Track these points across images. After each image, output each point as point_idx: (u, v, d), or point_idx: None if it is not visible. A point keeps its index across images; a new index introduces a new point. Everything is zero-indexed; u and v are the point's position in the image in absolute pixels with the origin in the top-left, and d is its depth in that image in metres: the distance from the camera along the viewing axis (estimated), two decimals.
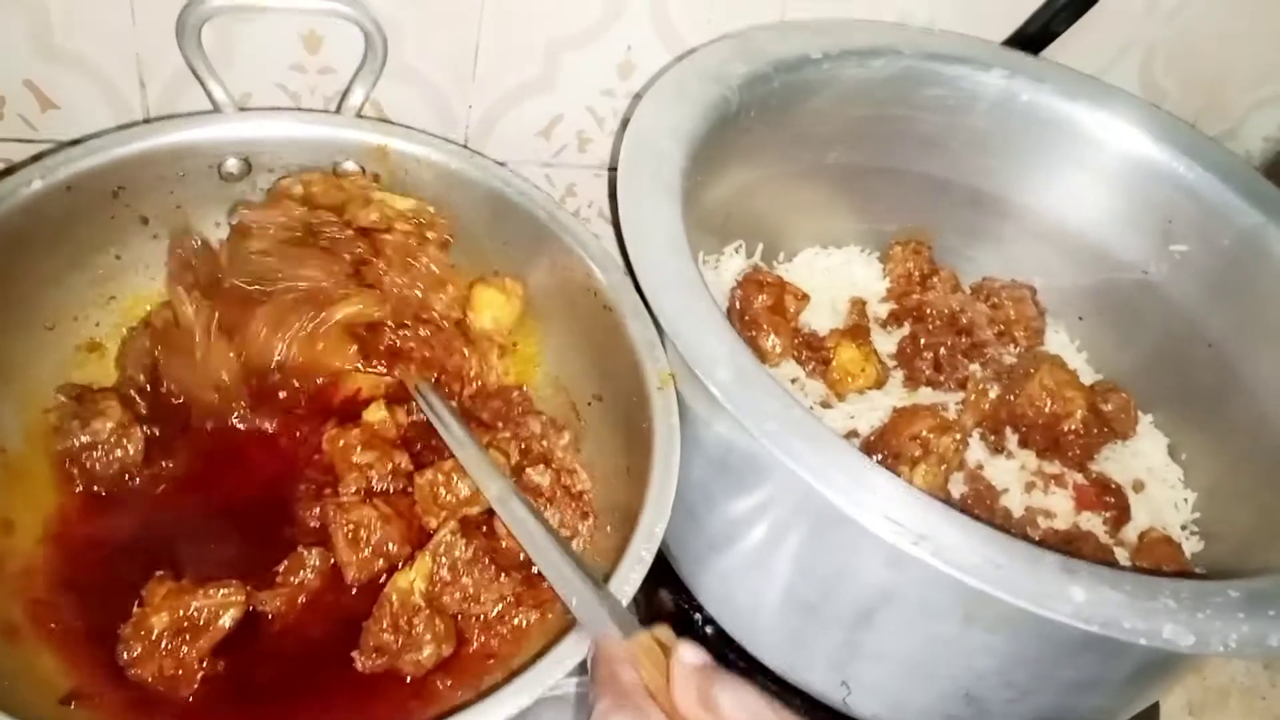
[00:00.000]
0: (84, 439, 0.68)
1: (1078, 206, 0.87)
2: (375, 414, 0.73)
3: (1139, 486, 0.83)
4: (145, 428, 0.71)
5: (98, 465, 0.69)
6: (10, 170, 0.68)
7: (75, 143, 0.71)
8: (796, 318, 0.86)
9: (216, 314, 0.73)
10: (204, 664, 0.63)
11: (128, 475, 0.70)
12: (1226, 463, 0.82)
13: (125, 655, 0.62)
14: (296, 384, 0.75)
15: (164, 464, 0.71)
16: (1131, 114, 0.85)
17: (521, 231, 0.77)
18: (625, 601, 0.59)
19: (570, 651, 0.56)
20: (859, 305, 0.89)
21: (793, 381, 0.83)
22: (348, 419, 0.74)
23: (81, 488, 0.69)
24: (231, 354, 0.73)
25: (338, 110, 0.78)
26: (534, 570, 0.69)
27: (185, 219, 0.76)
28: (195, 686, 0.62)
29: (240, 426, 0.74)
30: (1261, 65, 1.02)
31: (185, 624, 0.63)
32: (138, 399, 0.73)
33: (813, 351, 0.84)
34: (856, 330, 0.85)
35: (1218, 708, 0.85)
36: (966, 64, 0.84)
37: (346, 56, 0.79)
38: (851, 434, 0.79)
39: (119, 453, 0.69)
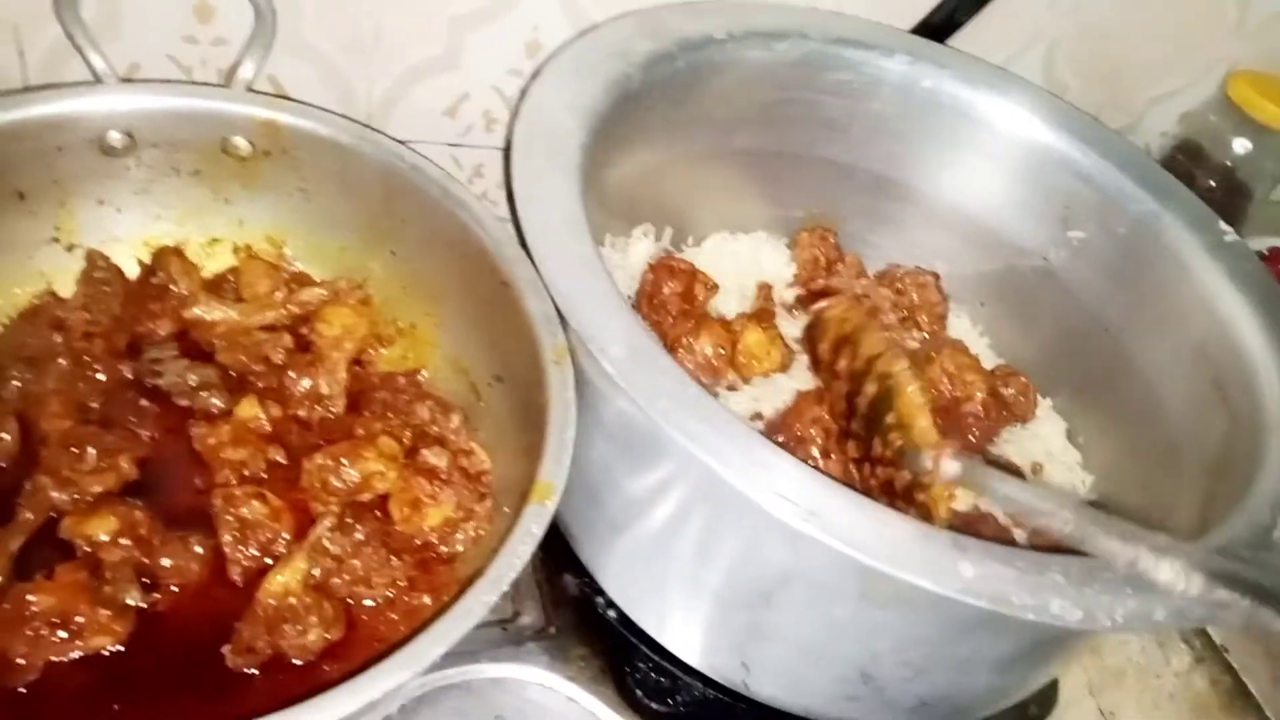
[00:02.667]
0: None
1: (978, 193, 0.89)
2: (247, 410, 0.71)
3: (1038, 469, 0.84)
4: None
5: None
6: None
7: None
8: (705, 305, 0.86)
9: None
10: (46, 663, 0.60)
11: (1, 466, 0.66)
12: (1122, 445, 0.84)
13: None
14: None
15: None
16: (1031, 102, 0.86)
17: (417, 209, 0.75)
18: (514, 576, 0.57)
19: (450, 629, 0.54)
20: (765, 290, 0.89)
21: None
22: None
23: None
24: None
25: (227, 84, 0.76)
26: (428, 555, 0.68)
27: (64, 194, 0.73)
28: (27, 679, 0.59)
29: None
30: (1160, 61, 1.05)
31: (64, 621, 0.60)
32: (12, 391, 0.69)
33: None
34: (762, 314, 0.85)
35: (1115, 686, 0.86)
36: (870, 49, 0.84)
37: (241, 28, 0.77)
38: (756, 416, 0.79)
39: None
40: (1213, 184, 1.03)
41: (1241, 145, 1.01)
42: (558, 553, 0.76)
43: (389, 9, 0.80)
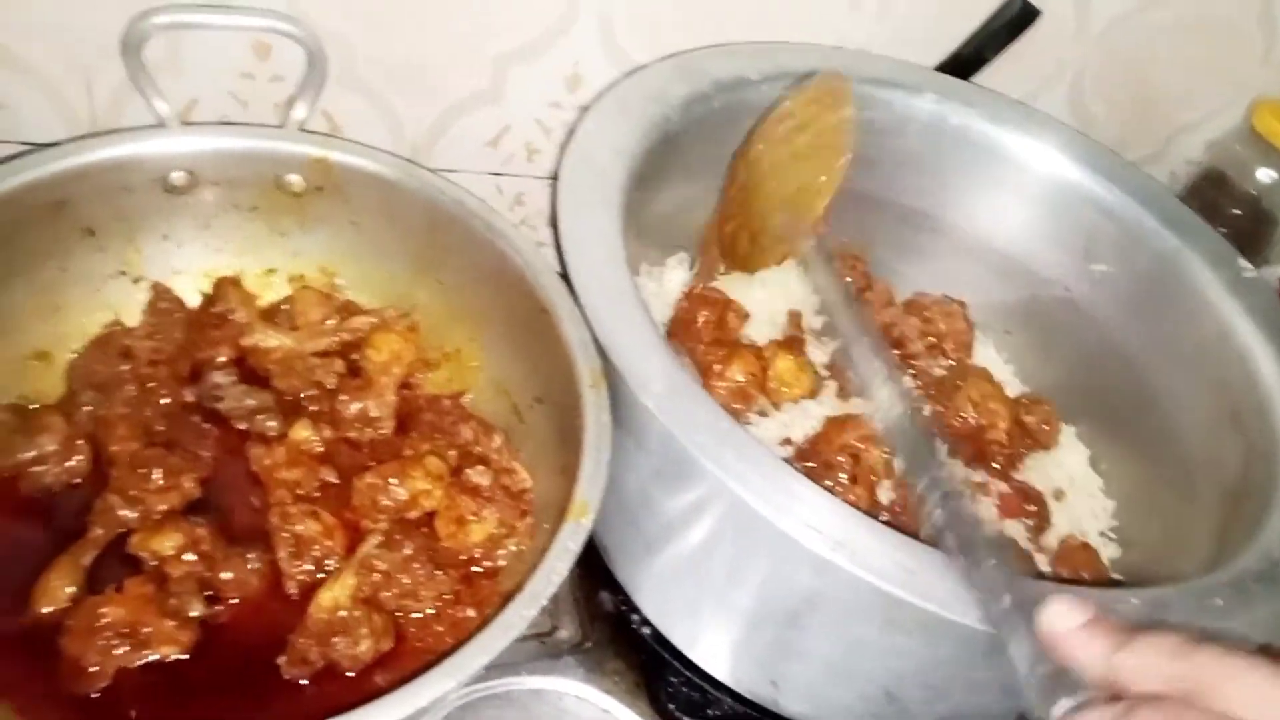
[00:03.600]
0: (29, 454, 0.69)
1: (1004, 225, 0.91)
2: (300, 432, 0.74)
3: (1060, 495, 0.86)
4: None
5: (46, 479, 0.70)
6: None
7: (14, 156, 0.72)
8: (737, 333, 0.88)
9: None
10: (116, 670, 0.64)
11: (75, 485, 0.71)
12: (1142, 474, 0.85)
13: (68, 621, 0.63)
14: None
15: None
16: (1055, 139, 0.89)
17: (460, 239, 0.78)
18: (552, 591, 0.60)
19: (492, 642, 0.58)
20: (795, 317, 0.91)
21: None
22: None
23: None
24: None
25: (282, 124, 0.80)
26: (472, 569, 0.72)
27: (131, 230, 0.77)
28: (99, 685, 0.63)
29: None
30: (1185, 92, 1.06)
31: (132, 631, 0.64)
32: (84, 415, 0.73)
33: None
34: (792, 341, 0.88)
35: None
36: (899, 88, 0.87)
37: (297, 64, 0.80)
38: (785, 441, 0.81)
39: (68, 464, 0.70)
40: (1237, 213, 1.04)
41: (1267, 175, 1.02)
42: (595, 570, 0.78)
43: (436, 46, 0.83)
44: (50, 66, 0.78)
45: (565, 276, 0.69)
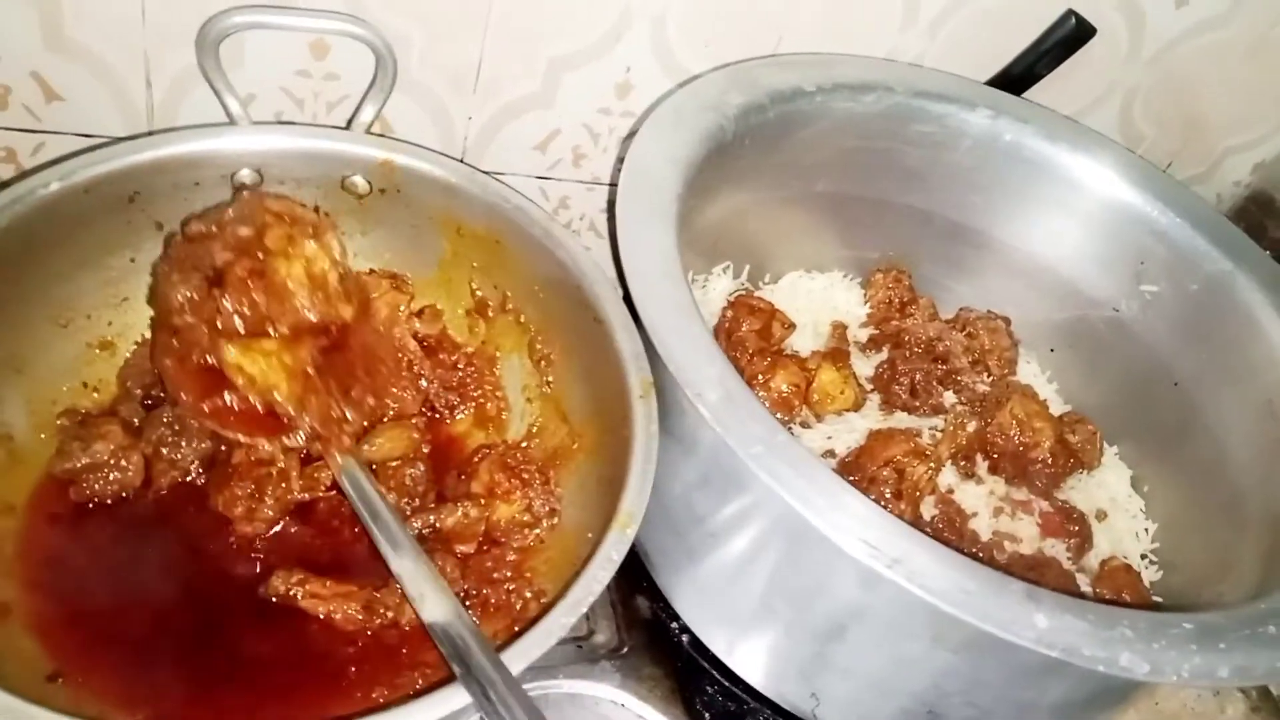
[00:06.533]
0: (84, 461, 0.70)
1: (1054, 244, 0.91)
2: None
3: (1102, 516, 0.86)
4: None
5: (97, 486, 0.70)
6: (27, 173, 0.70)
7: (93, 148, 0.72)
8: (781, 343, 0.89)
9: None
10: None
11: (126, 495, 0.71)
12: (1186, 497, 0.85)
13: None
14: None
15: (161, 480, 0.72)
16: (1110, 158, 0.88)
17: (519, 246, 0.79)
18: (593, 599, 0.60)
19: (532, 647, 0.58)
20: (840, 329, 0.92)
21: None
22: None
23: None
24: None
25: (348, 126, 0.81)
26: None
27: None
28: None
29: None
30: (1235, 114, 1.06)
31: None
32: (135, 415, 0.74)
33: None
34: (837, 353, 0.88)
35: None
36: (953, 102, 0.87)
37: (350, 64, 0.81)
38: (828, 454, 0.82)
39: (117, 475, 0.71)
40: None
41: None
42: (633, 575, 0.79)
43: (494, 49, 0.84)
44: (115, 60, 0.78)
45: (625, 287, 0.69)
